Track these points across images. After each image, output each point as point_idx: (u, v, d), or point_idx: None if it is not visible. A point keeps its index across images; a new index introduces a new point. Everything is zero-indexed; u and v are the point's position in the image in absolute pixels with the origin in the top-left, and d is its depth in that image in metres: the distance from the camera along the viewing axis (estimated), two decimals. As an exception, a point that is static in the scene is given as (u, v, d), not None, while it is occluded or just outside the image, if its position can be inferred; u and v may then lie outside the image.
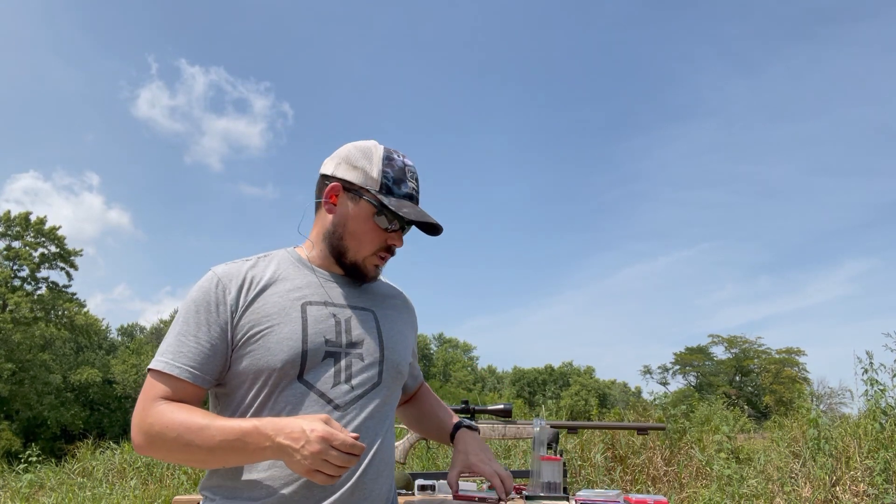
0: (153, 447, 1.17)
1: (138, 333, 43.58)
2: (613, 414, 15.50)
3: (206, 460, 1.15)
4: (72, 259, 31.51)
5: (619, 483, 7.01)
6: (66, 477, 9.31)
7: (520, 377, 49.92)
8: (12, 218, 30.39)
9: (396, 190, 1.30)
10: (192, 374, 1.19)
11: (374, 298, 1.39)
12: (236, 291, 1.24)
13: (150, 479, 8.67)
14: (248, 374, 1.21)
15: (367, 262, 1.33)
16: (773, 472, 6.75)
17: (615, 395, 47.65)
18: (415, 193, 1.33)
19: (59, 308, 31.10)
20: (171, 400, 1.18)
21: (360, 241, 1.31)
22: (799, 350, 43.51)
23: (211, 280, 1.25)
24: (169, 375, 1.18)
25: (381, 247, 1.32)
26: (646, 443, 7.60)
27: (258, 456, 1.11)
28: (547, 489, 2.24)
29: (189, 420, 1.14)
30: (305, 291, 1.29)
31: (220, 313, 1.22)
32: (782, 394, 39.38)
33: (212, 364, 1.21)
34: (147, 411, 1.17)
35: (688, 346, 47.36)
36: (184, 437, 1.13)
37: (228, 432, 1.11)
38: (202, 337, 1.21)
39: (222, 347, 1.21)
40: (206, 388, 1.22)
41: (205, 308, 1.22)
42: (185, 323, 1.22)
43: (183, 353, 1.20)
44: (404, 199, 1.30)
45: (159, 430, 1.15)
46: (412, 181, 1.33)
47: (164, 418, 1.15)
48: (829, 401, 16.30)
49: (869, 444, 6.09)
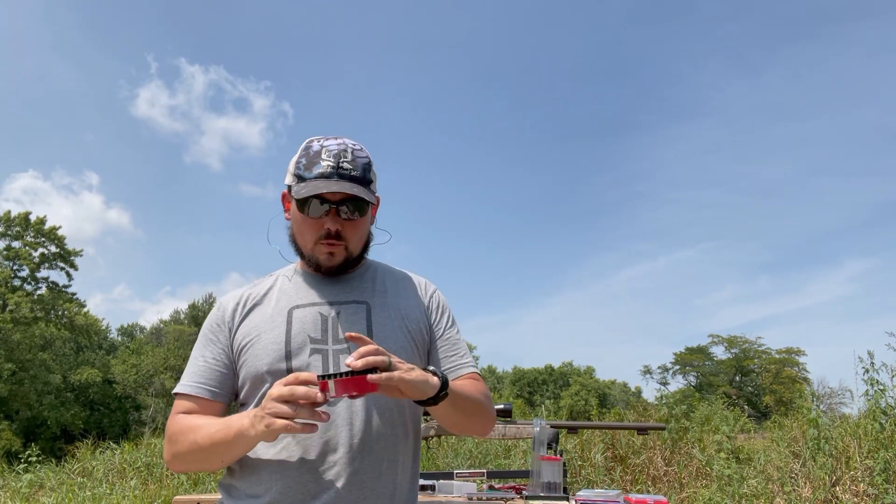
0: (172, 454, 1.28)
1: (138, 333, 43.58)
2: (613, 414, 15.50)
3: (209, 457, 1.23)
4: (72, 259, 31.52)
5: (619, 483, 7.01)
6: (66, 477, 9.31)
7: (520, 377, 49.88)
8: (12, 218, 30.39)
9: (307, 174, 1.30)
10: (201, 389, 1.31)
11: (371, 290, 1.39)
12: (231, 311, 1.37)
13: (150, 479, 8.67)
14: (246, 382, 1.31)
15: (315, 252, 1.34)
16: (773, 472, 6.74)
17: (615, 395, 47.60)
18: (331, 170, 1.29)
19: (59, 308, 31.10)
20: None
21: (302, 235, 1.35)
22: (799, 350, 43.53)
23: (215, 307, 1.41)
24: (185, 395, 1.32)
25: (319, 234, 1.32)
26: (646, 443, 7.60)
27: (241, 438, 1.15)
28: (547, 489, 2.24)
29: (193, 422, 1.26)
30: (294, 297, 1.36)
31: (220, 333, 1.36)
32: (782, 394, 39.36)
33: (220, 378, 1.33)
34: (168, 426, 1.31)
35: (688, 346, 47.38)
36: (189, 438, 1.24)
37: (219, 422, 1.22)
38: (207, 355, 1.34)
39: (228, 362, 1.34)
40: (221, 401, 1.33)
41: (210, 331, 1.37)
42: (196, 348, 1.38)
43: (193, 373, 1.33)
44: (317, 178, 1.29)
45: (170, 435, 1.28)
46: (329, 159, 1.30)
47: (176, 426, 1.28)
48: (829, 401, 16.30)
49: (869, 444, 6.09)
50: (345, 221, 1.32)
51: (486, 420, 1.37)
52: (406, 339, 1.35)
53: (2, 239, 30.53)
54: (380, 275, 1.44)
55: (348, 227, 1.32)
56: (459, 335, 1.46)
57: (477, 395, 1.33)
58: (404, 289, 1.43)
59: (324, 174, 1.29)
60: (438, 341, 1.41)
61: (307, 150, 1.33)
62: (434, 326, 1.42)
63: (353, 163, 1.31)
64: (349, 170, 1.30)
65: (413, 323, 1.38)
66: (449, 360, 1.40)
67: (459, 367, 1.40)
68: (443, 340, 1.41)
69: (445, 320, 1.44)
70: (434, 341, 1.42)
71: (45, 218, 30.65)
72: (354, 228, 1.34)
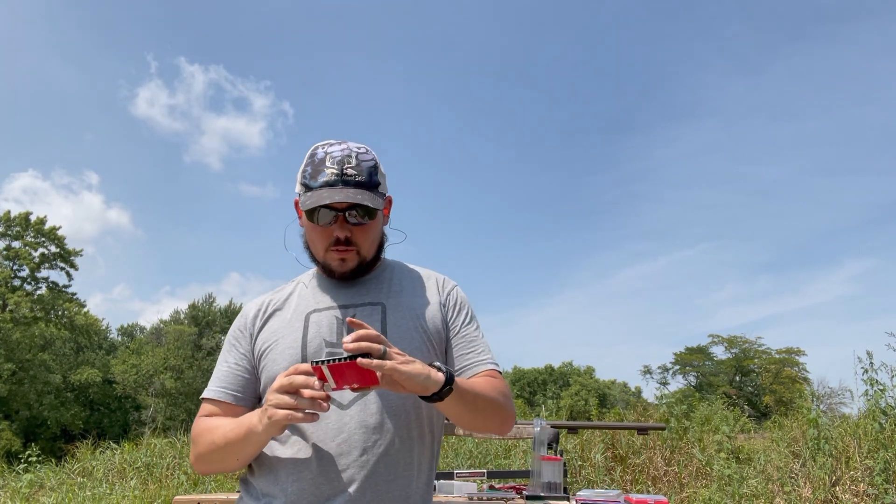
0: (195, 455, 1.32)
1: (138, 333, 43.56)
2: (613, 414, 15.50)
3: (225, 456, 1.25)
4: (72, 259, 31.54)
5: (620, 483, 7.01)
6: (66, 477, 9.32)
7: (520, 377, 49.90)
8: (12, 218, 30.41)
9: (313, 183, 1.31)
10: (224, 393, 1.35)
11: (387, 291, 1.39)
12: (253, 317, 1.40)
13: (150, 479, 8.67)
14: (266, 387, 1.33)
15: (327, 259, 1.36)
16: (773, 472, 6.74)
17: (615, 395, 47.62)
18: (335, 177, 1.29)
19: (59, 308, 31.12)
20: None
21: (313, 243, 1.38)
22: (799, 350, 43.53)
23: (240, 314, 1.45)
24: (209, 399, 1.36)
25: (329, 242, 1.33)
26: (646, 443, 7.60)
27: (251, 435, 1.19)
28: (547, 489, 2.24)
29: (212, 423, 1.30)
30: (311, 302, 1.38)
31: (242, 338, 1.40)
32: (782, 394, 39.37)
33: (242, 382, 1.36)
34: (192, 429, 1.35)
35: (688, 346, 47.39)
36: (208, 438, 1.28)
37: (233, 421, 1.25)
38: (230, 360, 1.38)
39: (249, 367, 1.37)
40: (243, 405, 1.34)
41: (233, 337, 1.41)
42: (221, 354, 1.42)
43: (217, 378, 1.37)
44: (322, 187, 1.29)
45: (194, 437, 1.33)
46: (333, 166, 1.30)
47: (198, 428, 1.32)
48: (829, 401, 16.29)
49: (869, 444, 6.09)
50: (354, 227, 1.32)
51: (504, 418, 1.32)
52: (422, 338, 1.33)
53: (2, 239, 30.57)
54: (396, 275, 1.43)
55: (358, 233, 1.33)
56: (478, 332, 1.42)
57: (490, 393, 1.28)
58: (420, 287, 1.42)
59: (328, 182, 1.29)
60: (454, 339, 1.39)
61: (312, 158, 1.33)
62: (450, 324, 1.40)
63: (357, 168, 1.31)
64: (354, 175, 1.30)
65: (429, 322, 1.36)
66: (465, 358, 1.37)
67: (476, 364, 1.36)
68: (459, 338, 1.39)
69: (463, 317, 1.41)
70: (450, 339, 1.39)
71: (45, 218, 30.69)
72: (365, 233, 1.34)
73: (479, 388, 1.26)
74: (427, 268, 1.50)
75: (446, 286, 1.45)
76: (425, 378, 1.11)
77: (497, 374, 1.37)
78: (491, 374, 1.35)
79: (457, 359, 1.37)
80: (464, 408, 1.21)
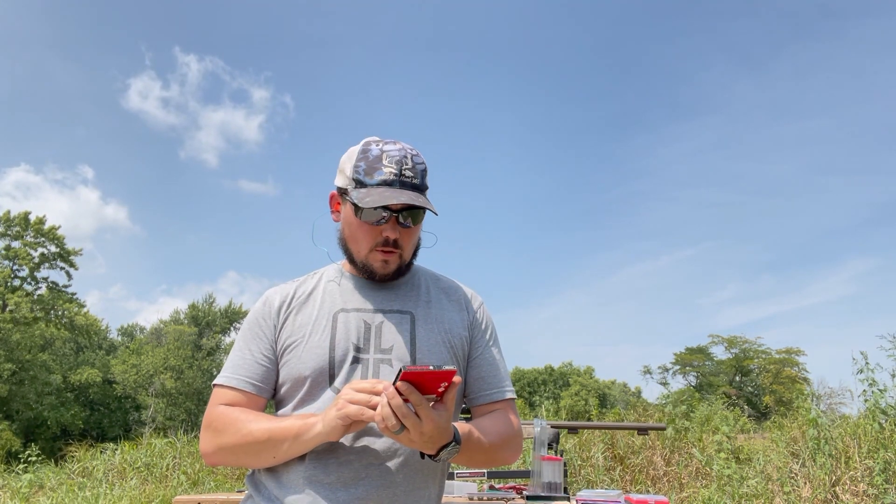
0: (217, 445, 1.25)
1: (138, 333, 43.57)
2: (613, 414, 15.48)
3: (261, 451, 1.21)
4: (71, 259, 31.52)
5: (619, 483, 7.02)
6: (66, 477, 9.33)
7: (520, 377, 49.90)
8: (12, 218, 30.40)
9: (369, 180, 1.28)
10: (246, 383, 1.29)
11: (416, 299, 1.37)
12: (278, 307, 1.35)
13: (150, 478, 8.68)
14: (286, 383, 1.29)
15: (369, 259, 1.32)
16: (773, 472, 6.75)
17: (615, 395, 47.64)
18: (394, 177, 1.27)
19: (59, 308, 31.11)
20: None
21: (356, 241, 1.33)
22: (799, 350, 43.52)
23: (261, 300, 1.39)
24: (228, 387, 1.30)
25: (376, 241, 1.30)
26: (646, 443, 7.61)
27: (309, 434, 1.17)
28: (547, 489, 2.25)
29: (244, 415, 1.25)
30: (339, 301, 1.34)
31: (266, 328, 1.33)
32: (782, 394, 39.38)
33: (265, 373, 1.31)
34: (208, 415, 1.29)
35: (688, 346, 47.40)
36: (241, 429, 1.22)
37: (275, 418, 1.23)
38: (254, 349, 1.32)
39: (273, 358, 1.32)
40: (263, 396, 1.31)
41: (256, 325, 1.35)
42: (240, 340, 1.35)
43: (238, 366, 1.31)
44: (380, 186, 1.27)
45: (216, 426, 1.25)
46: (391, 165, 1.28)
47: (225, 417, 1.25)
48: (829, 401, 16.30)
49: (869, 445, 6.10)
50: (402, 229, 1.31)
51: (509, 454, 1.33)
52: (448, 353, 1.33)
53: (1, 239, 30.55)
54: (426, 283, 1.42)
55: (405, 235, 1.31)
56: (500, 355, 1.42)
57: (495, 439, 1.28)
58: (449, 300, 1.41)
59: (386, 181, 1.26)
60: (477, 359, 1.38)
61: (366, 154, 1.30)
62: (475, 342, 1.39)
63: (413, 170, 1.29)
64: (411, 177, 1.28)
65: (456, 337, 1.35)
66: (485, 382, 1.37)
67: (495, 392, 1.36)
68: (481, 359, 1.38)
69: (488, 337, 1.41)
70: (471, 358, 1.38)
71: (44, 218, 30.67)
72: (410, 236, 1.33)
73: (486, 440, 1.26)
74: (449, 275, 1.49)
75: (474, 302, 1.44)
76: (429, 446, 1.13)
77: (512, 405, 1.39)
78: (507, 406, 1.37)
79: (476, 381, 1.37)
80: (467, 458, 1.26)
